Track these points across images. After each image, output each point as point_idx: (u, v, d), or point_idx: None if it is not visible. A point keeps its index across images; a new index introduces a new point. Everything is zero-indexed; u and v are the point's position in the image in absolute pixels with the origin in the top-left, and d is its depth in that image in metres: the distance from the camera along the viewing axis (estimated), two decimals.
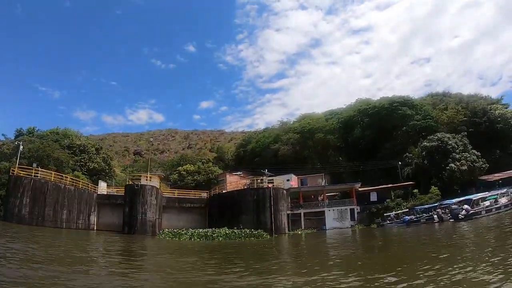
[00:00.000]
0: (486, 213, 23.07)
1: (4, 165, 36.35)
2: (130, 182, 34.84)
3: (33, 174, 30.99)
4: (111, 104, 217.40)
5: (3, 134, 51.42)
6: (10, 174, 30.48)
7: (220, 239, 25.38)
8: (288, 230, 39.55)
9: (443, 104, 57.08)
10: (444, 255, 10.69)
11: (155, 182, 39.23)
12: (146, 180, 37.01)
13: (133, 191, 32.89)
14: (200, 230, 29.14)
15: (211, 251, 18.61)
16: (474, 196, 26.12)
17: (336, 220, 41.84)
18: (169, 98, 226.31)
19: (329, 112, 69.38)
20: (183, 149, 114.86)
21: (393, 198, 42.15)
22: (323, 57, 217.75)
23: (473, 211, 23.09)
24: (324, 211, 42.53)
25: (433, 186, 38.72)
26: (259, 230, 30.24)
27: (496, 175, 37.82)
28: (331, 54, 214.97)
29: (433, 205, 30.32)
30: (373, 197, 44.23)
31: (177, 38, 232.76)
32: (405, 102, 54.31)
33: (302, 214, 42.38)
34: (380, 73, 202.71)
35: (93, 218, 36.07)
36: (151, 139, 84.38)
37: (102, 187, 41.09)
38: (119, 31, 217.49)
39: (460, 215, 23.33)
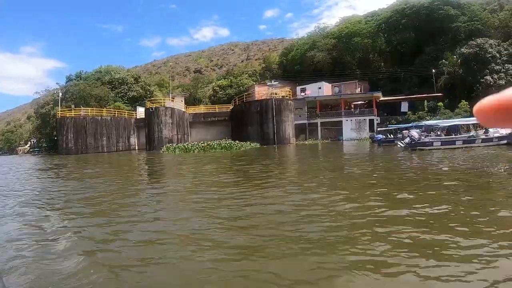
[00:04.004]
0: (442, 145, 18.28)
1: (56, 110, 45.52)
2: (148, 106, 39.42)
3: (73, 114, 38.82)
4: (174, 27, 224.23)
5: (57, 83, 60.50)
6: (56, 117, 38.90)
7: (196, 151, 27.91)
8: (305, 139, 40.76)
9: (495, 4, 46.28)
10: None
11: (178, 102, 43.93)
12: (170, 101, 41.80)
13: (149, 113, 37.75)
14: (184, 144, 32.76)
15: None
16: (456, 121, 21.01)
17: (354, 131, 41.06)
18: (231, 12, 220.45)
19: (370, 13, 61.46)
20: (242, 61, 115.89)
21: (426, 109, 39.34)
22: None
23: (421, 140, 18.54)
24: (341, 121, 41.63)
25: (463, 101, 35.22)
26: (248, 142, 32.15)
27: None
28: None
29: (410, 125, 26.26)
30: (404, 107, 41.31)
31: None
32: (449, 1, 45.93)
33: (318, 124, 42.29)
34: None
35: (133, 140, 43.88)
36: (171, 63, 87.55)
37: (141, 112, 47.16)
38: None
39: (399, 143, 19.73)
